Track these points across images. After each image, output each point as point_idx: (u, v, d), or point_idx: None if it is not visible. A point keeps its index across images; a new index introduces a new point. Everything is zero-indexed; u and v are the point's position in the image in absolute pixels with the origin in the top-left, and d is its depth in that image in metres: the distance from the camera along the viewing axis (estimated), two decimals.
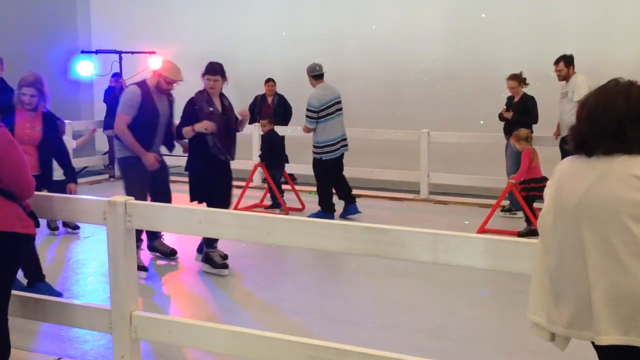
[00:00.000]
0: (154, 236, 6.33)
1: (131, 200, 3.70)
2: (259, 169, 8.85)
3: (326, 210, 7.98)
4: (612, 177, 2.36)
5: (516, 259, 2.91)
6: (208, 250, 5.99)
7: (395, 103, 11.13)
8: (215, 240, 5.98)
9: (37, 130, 5.27)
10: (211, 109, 6.01)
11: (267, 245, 5.35)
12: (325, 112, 7.82)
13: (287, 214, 8.14)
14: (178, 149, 6.44)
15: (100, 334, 4.32)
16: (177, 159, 9.45)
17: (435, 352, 4.18)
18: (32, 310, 4.05)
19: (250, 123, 10.55)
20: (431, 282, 5.69)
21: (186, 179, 6.22)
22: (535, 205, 7.13)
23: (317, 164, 8.00)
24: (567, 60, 8.02)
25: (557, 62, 8.07)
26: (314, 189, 8.40)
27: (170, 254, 6.38)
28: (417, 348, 4.25)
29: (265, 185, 9.06)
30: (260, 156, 8.79)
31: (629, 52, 9.63)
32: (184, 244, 6.56)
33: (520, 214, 8.12)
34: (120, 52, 11.75)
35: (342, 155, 8.08)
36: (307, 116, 7.87)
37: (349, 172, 10.35)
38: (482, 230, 7.21)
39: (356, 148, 11.03)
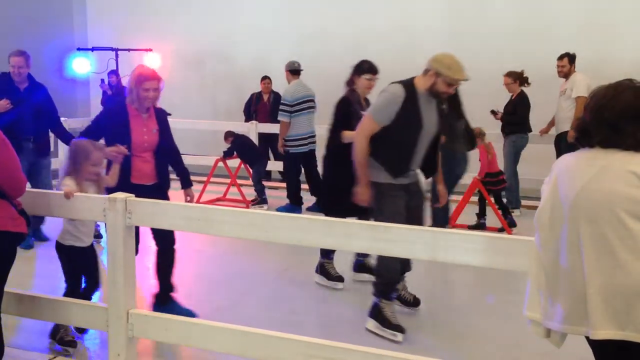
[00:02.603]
0: None
1: (131, 197, 3.68)
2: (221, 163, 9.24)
3: (294, 203, 8.34)
4: (610, 173, 2.38)
5: (515, 257, 2.91)
6: (324, 261, 5.56)
7: None
8: (333, 251, 5.52)
9: (154, 133, 4.61)
10: (363, 112, 5.20)
11: (264, 242, 5.34)
12: (297, 107, 8.17)
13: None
14: None
15: (97, 331, 4.31)
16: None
17: (434, 350, 4.18)
18: (27, 308, 4.02)
19: (247, 121, 10.59)
20: (430, 279, 5.69)
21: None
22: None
23: (286, 157, 8.39)
24: (570, 58, 8.09)
25: (560, 58, 8.11)
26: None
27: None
28: (415, 346, 4.25)
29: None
30: (224, 152, 9.09)
31: (627, 51, 9.65)
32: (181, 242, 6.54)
33: (517, 211, 8.15)
34: (116, 50, 11.72)
35: (313, 152, 8.34)
36: (280, 110, 8.26)
37: None
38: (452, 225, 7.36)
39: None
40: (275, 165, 10.02)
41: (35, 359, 4.09)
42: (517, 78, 8.10)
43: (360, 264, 5.68)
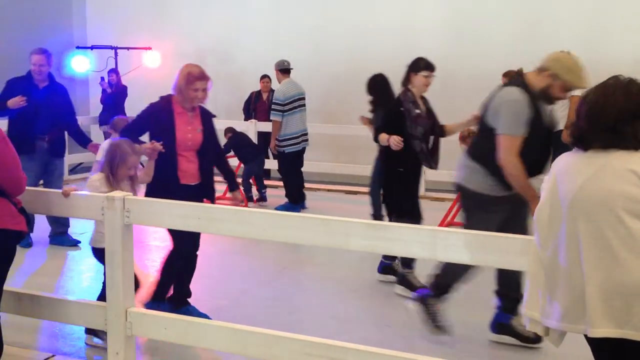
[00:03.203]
0: None
1: (129, 195, 3.67)
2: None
3: (294, 202, 8.33)
4: (609, 171, 2.38)
5: (514, 255, 2.90)
6: (405, 271, 5.34)
7: None
8: (413, 260, 5.30)
9: (199, 132, 4.55)
10: (418, 111, 5.23)
11: (264, 240, 5.34)
12: (289, 106, 8.20)
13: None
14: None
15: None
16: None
17: (432, 349, 4.18)
18: (26, 307, 4.02)
19: (246, 119, 10.59)
20: (426, 278, 5.68)
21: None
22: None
23: (281, 157, 8.38)
24: None
25: None
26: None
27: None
28: (413, 345, 4.25)
29: None
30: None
31: (625, 50, 9.64)
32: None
33: None
34: (115, 48, 11.71)
35: (304, 149, 8.40)
36: (272, 109, 8.28)
37: (346, 169, 10.35)
38: (446, 224, 7.44)
39: (353, 145, 11.02)
40: (275, 164, 10.01)
41: (34, 357, 4.08)
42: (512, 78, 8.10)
43: (387, 266, 5.63)
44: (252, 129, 10.03)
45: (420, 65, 5.28)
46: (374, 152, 6.44)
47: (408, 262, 5.29)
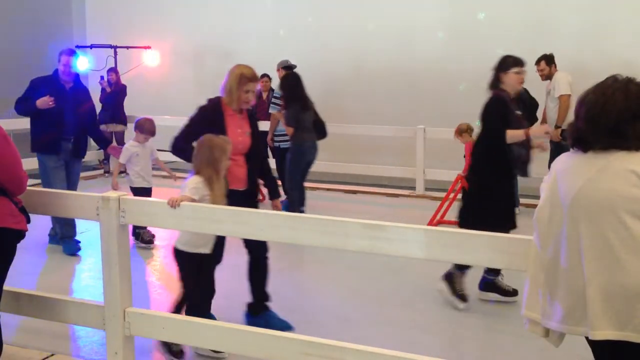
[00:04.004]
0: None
1: (124, 195, 3.66)
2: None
3: (291, 201, 8.29)
4: (610, 172, 2.37)
5: (514, 256, 2.89)
6: (455, 271, 5.07)
7: (391, 99, 11.10)
8: (468, 266, 5.01)
9: (247, 136, 4.41)
10: (518, 112, 4.91)
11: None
12: None
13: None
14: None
15: (94, 330, 4.30)
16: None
17: (430, 348, 4.17)
18: (25, 306, 4.02)
19: None
20: (425, 278, 5.68)
21: None
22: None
23: (277, 152, 8.46)
24: (547, 60, 8.12)
25: (537, 62, 8.14)
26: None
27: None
28: (411, 344, 4.24)
29: None
30: None
31: (625, 50, 9.62)
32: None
33: (515, 210, 8.13)
34: (115, 47, 11.70)
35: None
36: (272, 103, 8.36)
37: (344, 168, 10.33)
38: (436, 222, 7.48)
39: (352, 144, 11.01)
40: (273, 164, 10.03)
41: (33, 357, 4.08)
42: None
43: (489, 282, 5.22)
44: None
45: (509, 63, 4.98)
46: (373, 152, 6.44)
47: (462, 265, 5.00)
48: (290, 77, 7.35)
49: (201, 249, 4.01)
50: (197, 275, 4.07)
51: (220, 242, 4.27)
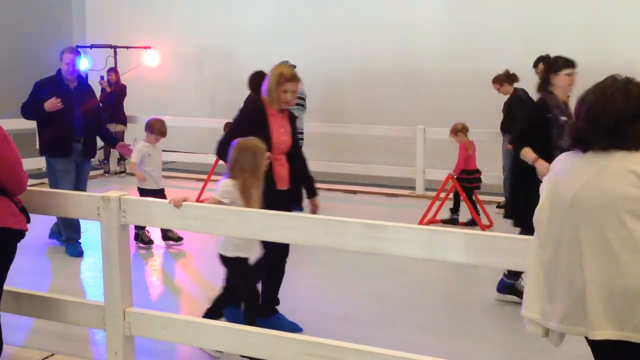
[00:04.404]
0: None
1: (125, 195, 3.66)
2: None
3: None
4: (610, 172, 2.37)
5: (514, 256, 2.90)
6: (515, 281, 5.01)
7: (391, 99, 11.11)
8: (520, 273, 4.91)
9: (289, 135, 4.43)
10: (564, 118, 4.62)
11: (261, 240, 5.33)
12: None
13: None
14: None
15: (94, 330, 4.30)
16: None
17: (430, 348, 4.17)
18: (25, 306, 4.02)
19: None
20: (426, 278, 5.68)
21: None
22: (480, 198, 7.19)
23: None
24: (545, 61, 8.05)
25: (535, 65, 8.10)
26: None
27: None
28: (412, 345, 4.24)
29: None
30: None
31: (625, 50, 9.63)
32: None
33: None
34: (115, 47, 11.70)
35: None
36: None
37: (344, 168, 10.33)
38: (426, 221, 7.46)
39: (352, 144, 11.02)
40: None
41: (33, 357, 4.08)
42: (504, 80, 8.08)
43: (508, 285, 5.09)
44: None
45: (560, 64, 4.83)
46: (373, 152, 6.44)
47: (516, 273, 4.93)
48: (258, 76, 7.39)
49: (244, 253, 3.97)
50: (246, 279, 4.05)
51: (270, 245, 4.18)
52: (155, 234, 6.76)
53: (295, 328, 4.37)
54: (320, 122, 10.57)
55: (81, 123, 6.19)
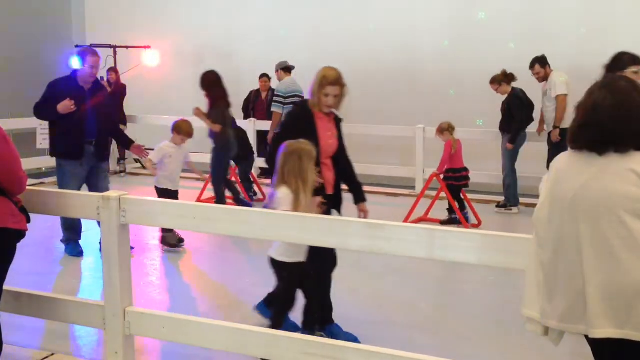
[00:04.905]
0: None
1: (125, 195, 3.66)
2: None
3: None
4: (610, 171, 2.37)
5: (512, 255, 2.90)
6: None
7: (391, 99, 11.10)
8: None
9: (336, 138, 4.34)
10: None
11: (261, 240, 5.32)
12: (290, 100, 8.52)
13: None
14: None
15: (94, 330, 4.30)
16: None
17: (430, 348, 4.17)
18: (24, 306, 4.01)
19: (245, 118, 10.57)
20: (426, 278, 5.68)
21: None
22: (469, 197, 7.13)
23: None
24: (541, 62, 8.10)
25: (532, 66, 8.13)
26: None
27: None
28: (411, 344, 4.24)
29: None
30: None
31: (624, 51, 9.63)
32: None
33: (515, 209, 8.16)
34: (115, 47, 11.69)
35: None
36: (274, 101, 8.70)
37: None
38: (417, 219, 7.48)
39: (352, 144, 10.98)
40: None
41: (33, 357, 4.08)
42: (501, 80, 8.09)
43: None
44: (251, 127, 10.03)
45: (626, 61, 4.68)
46: (373, 152, 6.44)
47: None
48: (212, 76, 7.57)
49: (290, 259, 3.90)
50: (288, 284, 3.98)
51: (320, 251, 3.96)
52: (154, 234, 6.77)
53: (352, 339, 4.13)
54: None
55: (94, 125, 6.11)
